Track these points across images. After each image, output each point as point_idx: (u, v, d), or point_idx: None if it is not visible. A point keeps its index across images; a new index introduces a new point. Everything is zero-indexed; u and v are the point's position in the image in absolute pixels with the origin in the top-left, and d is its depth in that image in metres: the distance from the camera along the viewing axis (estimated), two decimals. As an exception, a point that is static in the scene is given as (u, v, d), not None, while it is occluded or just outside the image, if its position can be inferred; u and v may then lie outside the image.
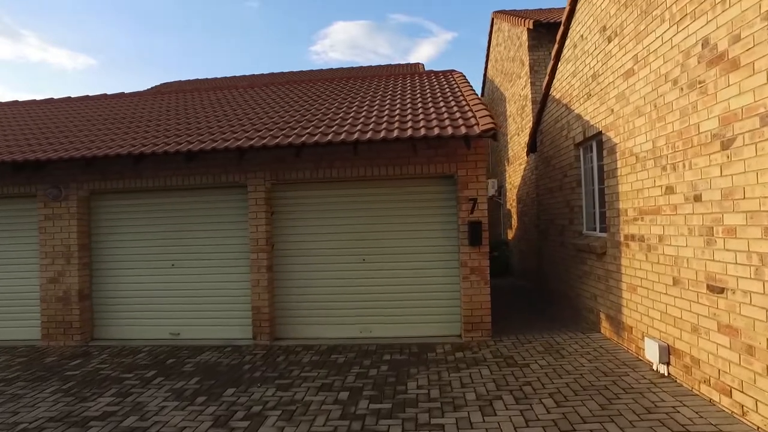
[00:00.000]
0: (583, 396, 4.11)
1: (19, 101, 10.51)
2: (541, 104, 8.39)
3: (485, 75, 17.14)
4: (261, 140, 5.89)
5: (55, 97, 10.47)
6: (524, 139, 10.44)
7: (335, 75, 10.49)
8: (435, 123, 5.89)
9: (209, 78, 18.23)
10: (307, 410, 4.05)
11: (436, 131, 5.54)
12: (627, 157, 5.16)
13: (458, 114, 6.20)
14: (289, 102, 8.23)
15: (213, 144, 5.96)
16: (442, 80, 8.80)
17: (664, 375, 4.46)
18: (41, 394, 4.69)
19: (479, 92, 18.21)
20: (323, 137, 5.77)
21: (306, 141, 5.70)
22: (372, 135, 5.66)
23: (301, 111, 7.43)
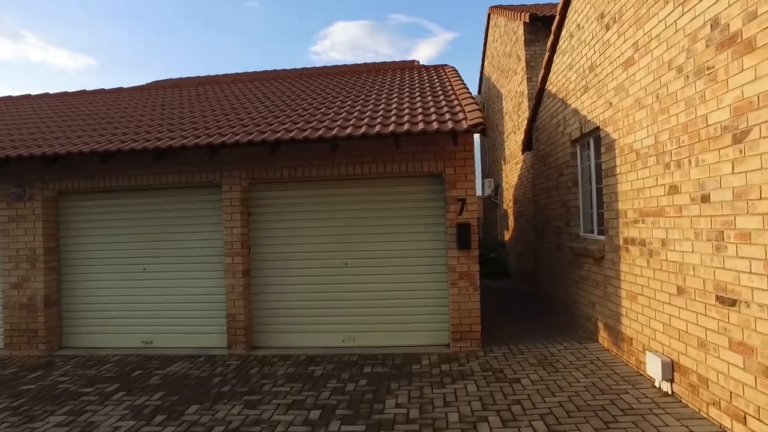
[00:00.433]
0: (578, 418, 3.69)
1: (-4, 98, 10.12)
2: (537, 99, 7.98)
3: (482, 72, 16.74)
4: (234, 137, 5.49)
5: (33, 94, 10.07)
6: (521, 137, 10.03)
7: (325, 71, 10.10)
8: (420, 118, 5.48)
9: (202, 75, 17.76)
10: (271, 434, 3.66)
11: (421, 126, 5.13)
12: (626, 154, 4.75)
13: (446, 108, 5.79)
14: (271, 98, 7.82)
15: (183, 141, 5.56)
16: (433, 74, 8.40)
17: (668, 393, 4.05)
18: (-14, 413, 4.28)
19: (476, 90, 17.80)
20: (300, 133, 5.37)
21: (281, 137, 5.30)
22: (352, 131, 5.26)
23: (281, 106, 7.03)
